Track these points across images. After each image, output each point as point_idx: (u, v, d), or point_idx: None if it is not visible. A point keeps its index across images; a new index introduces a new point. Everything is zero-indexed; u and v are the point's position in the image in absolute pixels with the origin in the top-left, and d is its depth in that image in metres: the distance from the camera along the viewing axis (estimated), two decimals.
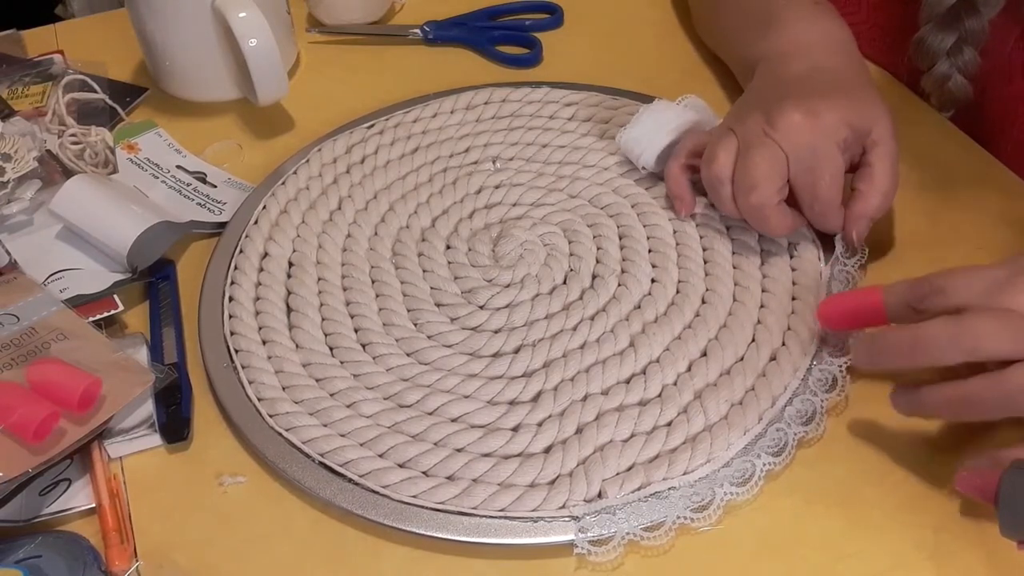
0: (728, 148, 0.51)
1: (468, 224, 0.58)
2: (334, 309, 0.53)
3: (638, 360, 0.49)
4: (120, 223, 0.55)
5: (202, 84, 0.68)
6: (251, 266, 0.55)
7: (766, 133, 0.50)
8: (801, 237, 0.54)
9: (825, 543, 0.43)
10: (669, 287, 0.53)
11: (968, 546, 0.42)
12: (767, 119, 0.50)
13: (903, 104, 0.65)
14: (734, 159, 0.51)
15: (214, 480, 0.46)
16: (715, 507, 0.43)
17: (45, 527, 0.45)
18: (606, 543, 0.42)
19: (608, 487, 0.43)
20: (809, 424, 0.46)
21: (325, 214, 0.59)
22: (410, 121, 0.65)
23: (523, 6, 0.77)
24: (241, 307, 0.53)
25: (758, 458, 0.44)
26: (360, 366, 0.50)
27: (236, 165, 0.64)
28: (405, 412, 0.47)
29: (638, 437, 0.46)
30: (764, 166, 0.50)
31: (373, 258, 0.56)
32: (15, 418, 0.43)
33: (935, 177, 0.59)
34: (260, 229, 0.57)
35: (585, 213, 0.57)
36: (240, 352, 0.51)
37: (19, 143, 0.59)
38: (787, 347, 0.49)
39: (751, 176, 0.50)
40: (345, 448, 0.46)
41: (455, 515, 0.43)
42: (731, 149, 0.51)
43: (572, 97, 0.65)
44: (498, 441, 0.46)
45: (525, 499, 0.43)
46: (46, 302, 0.51)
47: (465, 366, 0.49)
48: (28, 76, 0.71)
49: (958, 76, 0.59)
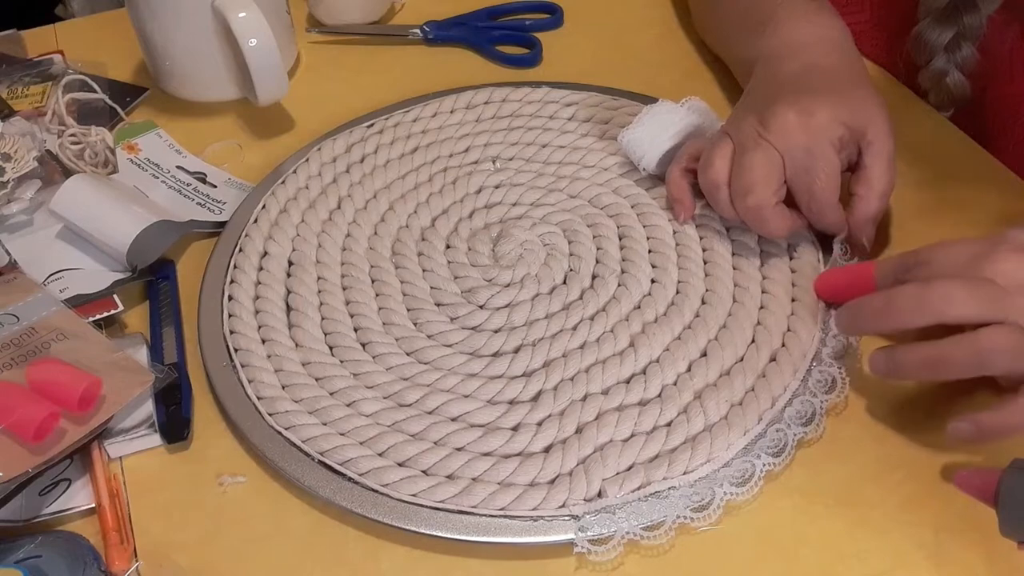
0: (724, 152, 0.51)
1: (468, 224, 0.58)
2: (334, 308, 0.53)
3: (638, 360, 0.49)
4: (120, 223, 0.55)
5: (202, 84, 0.68)
6: (251, 265, 0.55)
7: (760, 135, 0.50)
8: (800, 238, 0.54)
9: (825, 543, 0.43)
10: (669, 287, 0.53)
11: (968, 546, 0.42)
12: (760, 121, 0.51)
13: (904, 104, 0.64)
14: (730, 163, 0.51)
15: (214, 480, 0.46)
16: (715, 507, 0.43)
17: (45, 527, 0.45)
18: (606, 542, 0.42)
19: (608, 487, 0.43)
20: (809, 425, 0.46)
21: (325, 213, 0.59)
22: (410, 121, 0.65)
23: (523, 6, 0.77)
24: (241, 306, 0.53)
25: (758, 458, 0.44)
26: (360, 365, 0.50)
27: (236, 165, 0.64)
28: (405, 411, 0.47)
29: (638, 437, 0.46)
30: (759, 169, 0.50)
31: (373, 257, 0.56)
32: (15, 418, 0.43)
33: (935, 177, 0.59)
34: (260, 228, 0.57)
35: (585, 213, 0.57)
36: (240, 351, 0.51)
37: (19, 143, 0.59)
38: (786, 348, 0.49)
39: (747, 179, 0.50)
40: (345, 447, 0.46)
41: (455, 514, 0.43)
42: (727, 153, 0.51)
43: (572, 97, 0.65)
44: (498, 440, 0.46)
45: (525, 498, 0.43)
46: (46, 302, 0.51)
47: (465, 365, 0.49)
48: (28, 76, 0.71)
49: (956, 72, 0.59)
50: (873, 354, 0.45)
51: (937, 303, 0.42)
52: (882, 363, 0.45)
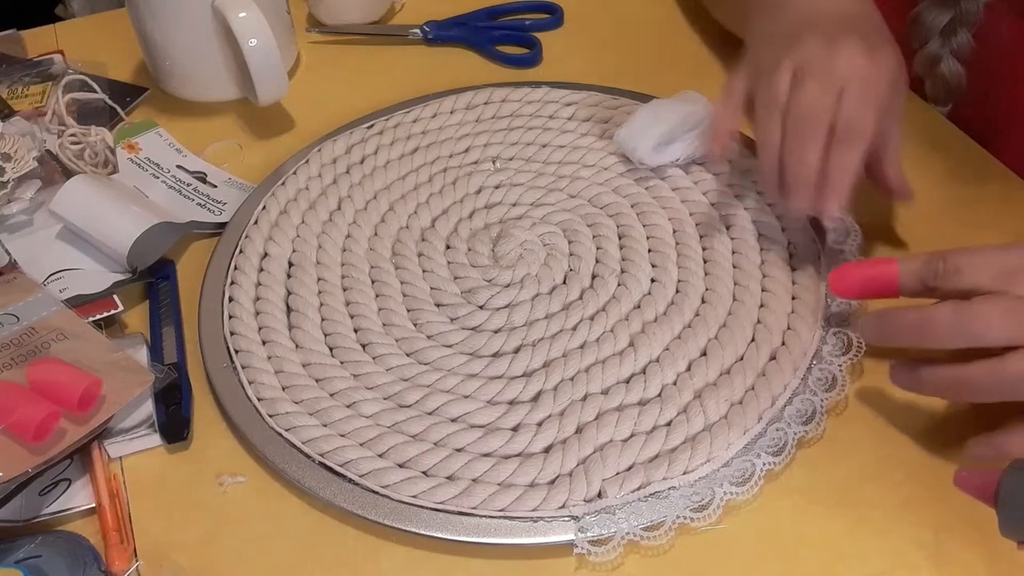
0: (786, 77, 0.49)
1: (468, 224, 0.58)
2: (334, 309, 0.53)
3: (638, 360, 0.49)
4: (120, 223, 0.55)
5: (202, 84, 0.68)
6: (251, 266, 0.55)
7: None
8: (801, 236, 0.54)
9: (825, 543, 0.43)
10: (669, 287, 0.53)
11: (968, 546, 0.42)
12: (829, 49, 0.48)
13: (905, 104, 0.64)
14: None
15: (214, 480, 0.46)
16: (715, 507, 0.43)
17: (45, 527, 0.45)
18: (606, 543, 0.42)
19: (608, 487, 0.43)
20: (809, 424, 0.46)
21: (325, 214, 0.59)
22: (410, 121, 0.65)
23: (523, 6, 0.77)
24: (241, 307, 0.53)
25: (758, 457, 0.44)
26: (360, 366, 0.50)
27: (236, 165, 0.64)
28: (405, 412, 0.47)
29: (638, 437, 0.45)
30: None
31: (373, 258, 0.56)
32: (15, 418, 0.43)
33: (934, 177, 0.59)
34: (260, 229, 0.57)
35: (585, 213, 0.57)
36: (240, 352, 0.51)
37: (19, 143, 0.59)
38: (787, 346, 0.49)
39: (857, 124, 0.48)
40: (345, 448, 0.46)
41: (455, 515, 0.43)
42: (788, 79, 0.49)
43: (572, 97, 0.65)
44: (498, 441, 0.46)
45: (525, 499, 0.43)
46: (46, 302, 0.51)
47: (465, 366, 0.49)
48: (28, 76, 0.71)
49: (950, 59, 0.59)
50: (896, 368, 0.45)
51: (975, 328, 0.41)
52: (904, 380, 0.45)
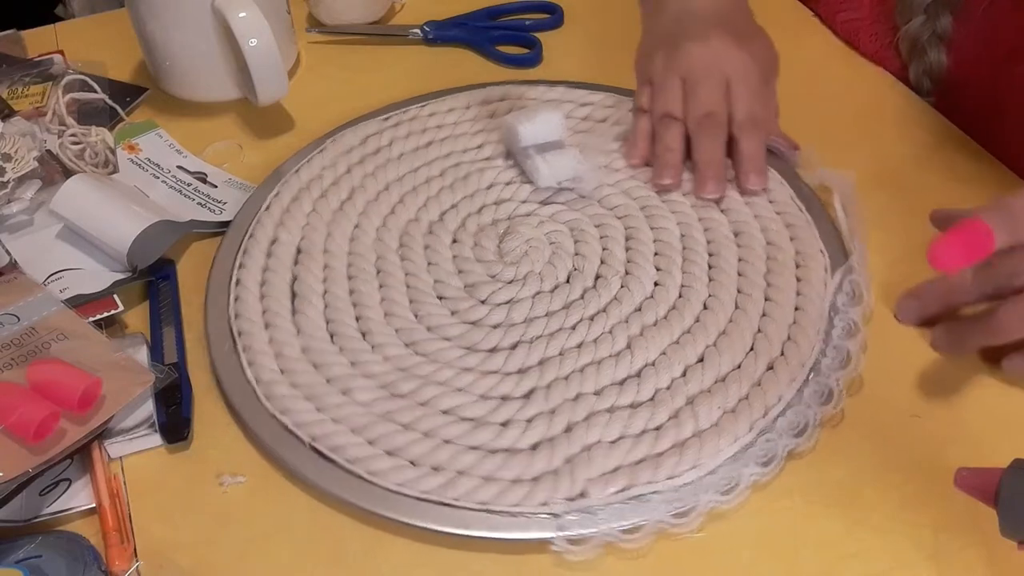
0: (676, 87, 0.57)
1: (476, 219, 0.58)
2: (337, 296, 0.53)
3: (634, 362, 0.49)
4: (120, 222, 0.55)
5: (202, 84, 0.68)
6: (260, 251, 0.56)
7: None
8: (808, 247, 0.54)
9: (825, 544, 0.43)
10: (672, 291, 0.52)
11: (968, 546, 0.42)
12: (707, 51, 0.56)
13: (905, 103, 0.64)
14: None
15: (214, 480, 0.46)
16: (696, 514, 0.42)
17: (45, 527, 0.45)
18: (585, 543, 0.42)
19: (591, 487, 0.43)
20: (800, 436, 0.45)
21: (336, 203, 0.59)
22: (426, 115, 0.65)
23: (523, 6, 0.77)
24: (247, 290, 0.53)
25: (745, 467, 0.44)
26: (358, 354, 0.50)
27: (236, 165, 0.64)
28: (398, 401, 0.47)
29: (626, 439, 0.45)
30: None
31: (380, 248, 0.56)
32: (15, 418, 0.43)
33: (934, 177, 0.59)
34: (271, 215, 0.58)
35: (593, 213, 0.57)
36: (243, 334, 0.51)
37: (19, 143, 0.59)
38: (785, 357, 0.49)
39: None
40: (337, 433, 0.46)
41: (437, 505, 0.43)
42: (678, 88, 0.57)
43: (589, 97, 0.65)
44: (486, 435, 0.46)
45: (507, 494, 0.43)
46: (46, 302, 0.51)
47: (461, 359, 0.49)
48: (28, 76, 0.71)
49: (933, 38, 0.60)
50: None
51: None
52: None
